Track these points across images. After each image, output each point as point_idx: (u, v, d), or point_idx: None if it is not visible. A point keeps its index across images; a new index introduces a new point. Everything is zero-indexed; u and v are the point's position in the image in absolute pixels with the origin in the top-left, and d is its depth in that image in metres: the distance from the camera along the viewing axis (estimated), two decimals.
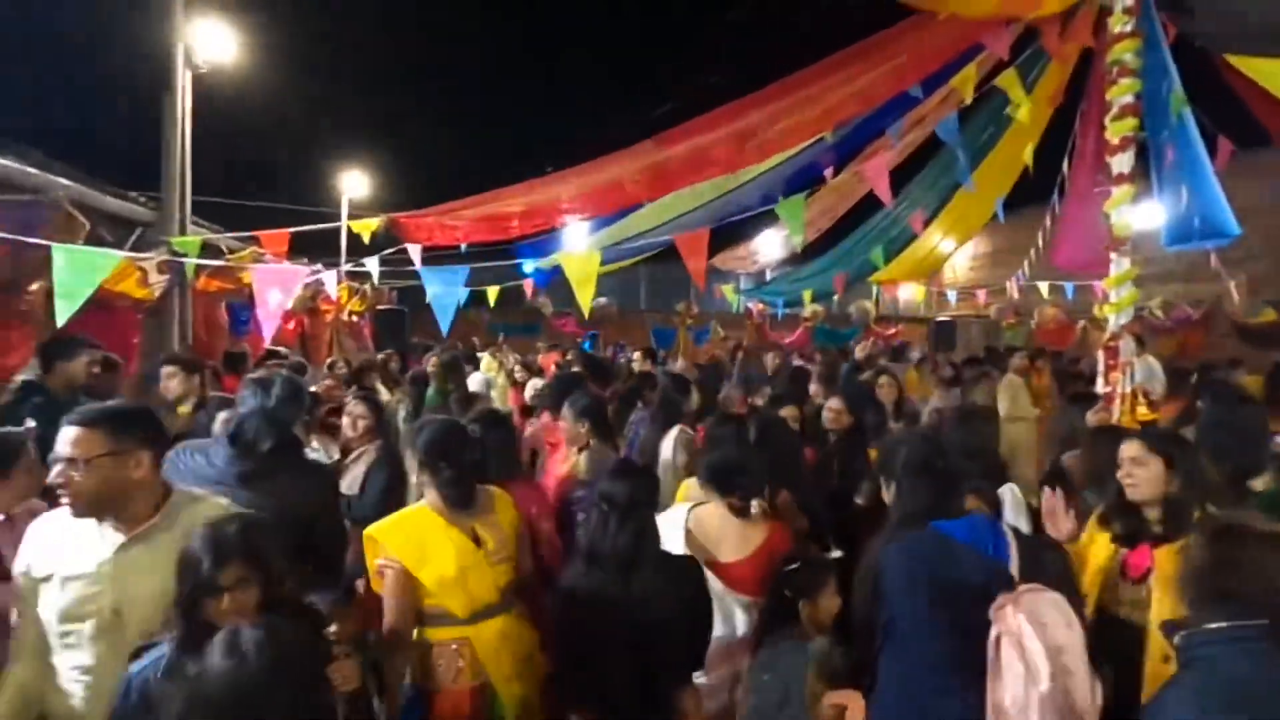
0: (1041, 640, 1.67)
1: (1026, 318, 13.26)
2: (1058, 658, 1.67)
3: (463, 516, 2.26)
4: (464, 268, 3.68)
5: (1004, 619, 1.75)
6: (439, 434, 2.33)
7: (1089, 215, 6.73)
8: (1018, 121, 5.83)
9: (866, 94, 4.74)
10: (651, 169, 4.63)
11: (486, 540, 2.26)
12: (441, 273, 3.75)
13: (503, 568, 2.30)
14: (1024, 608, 1.74)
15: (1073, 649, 1.68)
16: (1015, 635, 1.72)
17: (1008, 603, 1.76)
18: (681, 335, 14.66)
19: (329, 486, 2.84)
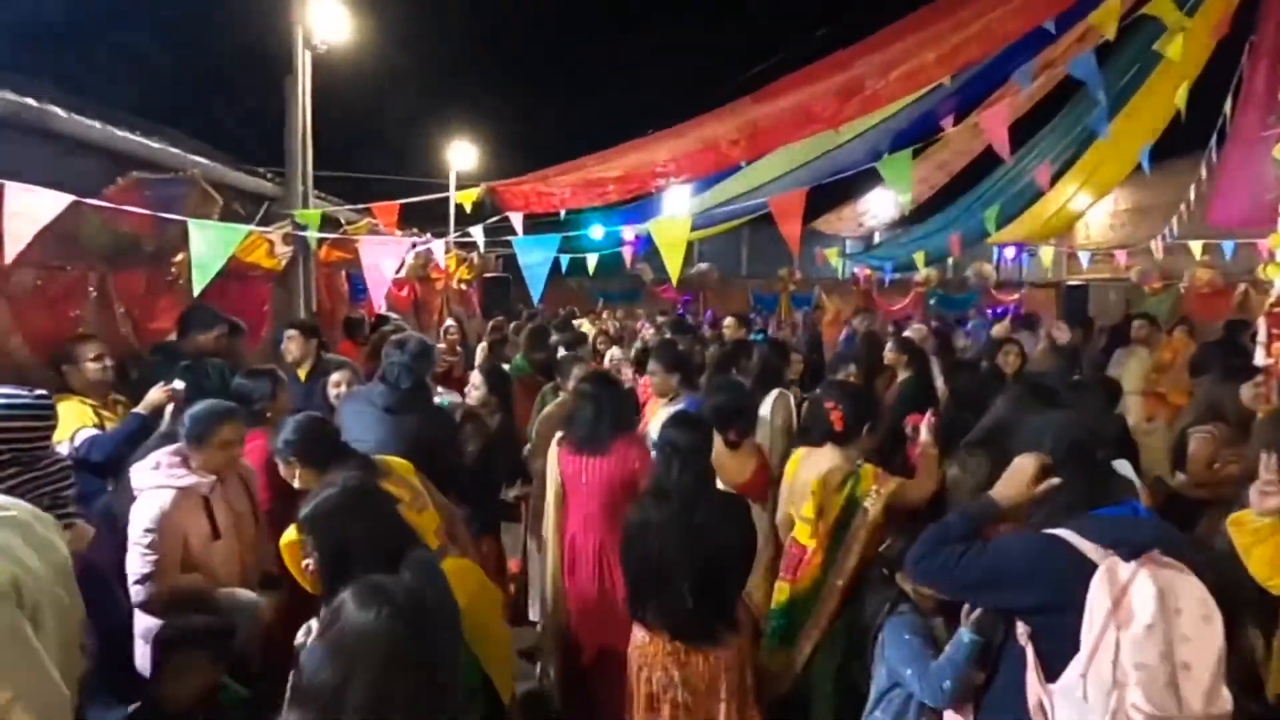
0: (1159, 605, 1.47)
1: (1175, 281, 11.91)
2: (1174, 638, 1.47)
3: None
4: (557, 235, 3.70)
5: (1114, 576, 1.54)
6: (307, 428, 2.48)
7: (1255, 163, 5.90)
8: (1168, 58, 5.14)
9: (991, 33, 4.30)
10: (749, 127, 4.46)
11: (400, 495, 2.35)
12: (534, 241, 3.80)
13: (427, 514, 2.47)
14: (1153, 574, 1.52)
15: (1203, 646, 1.46)
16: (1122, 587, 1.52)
17: (1137, 565, 1.53)
18: (784, 302, 14.30)
19: (451, 424, 3.52)
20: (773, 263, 15.28)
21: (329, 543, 1.83)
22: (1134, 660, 1.46)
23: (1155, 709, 1.43)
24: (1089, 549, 1.61)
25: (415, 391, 3.25)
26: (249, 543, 2.71)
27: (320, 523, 1.87)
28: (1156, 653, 1.45)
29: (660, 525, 2.38)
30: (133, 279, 3.82)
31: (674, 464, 2.45)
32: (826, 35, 5.02)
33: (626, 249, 8.30)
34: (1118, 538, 1.61)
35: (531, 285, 3.66)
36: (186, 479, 2.49)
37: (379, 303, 4.38)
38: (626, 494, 2.96)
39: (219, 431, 2.55)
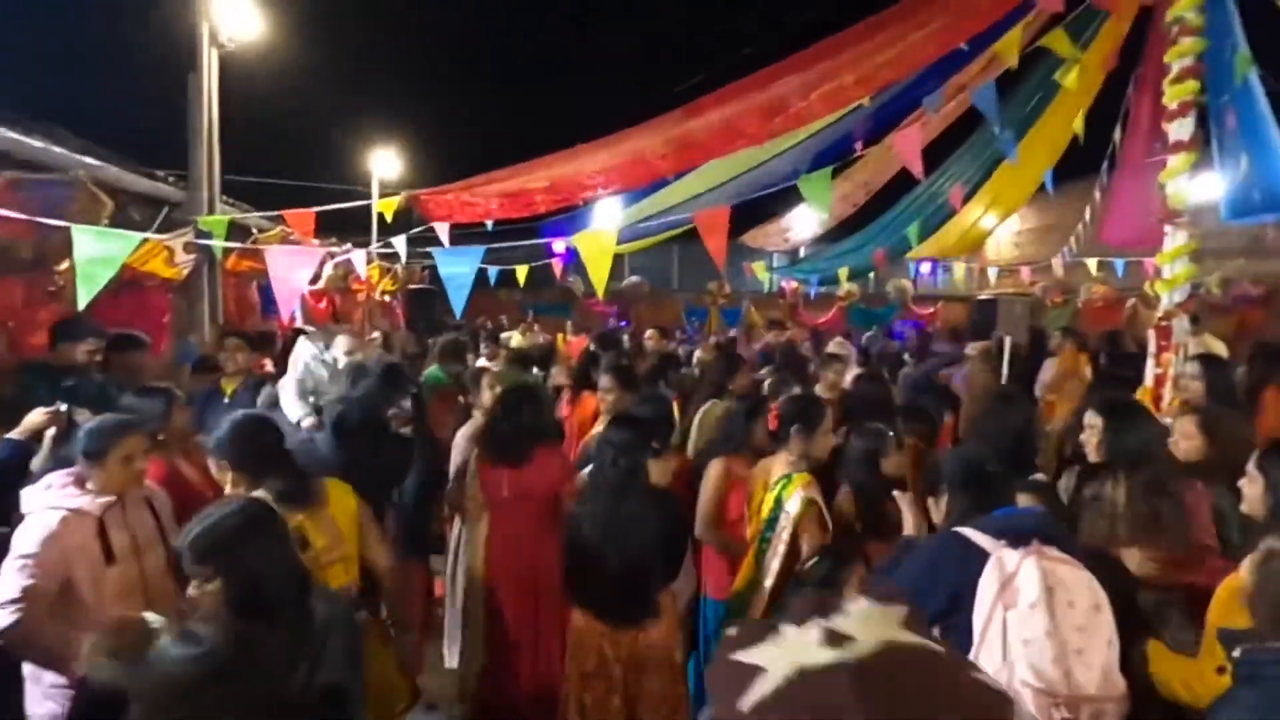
0: (1043, 587, 1.55)
1: (1072, 296, 12.75)
2: (1066, 626, 1.53)
3: (287, 514, 2.08)
4: (480, 248, 3.59)
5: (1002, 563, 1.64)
6: (250, 430, 2.25)
7: (1141, 188, 6.35)
8: (1065, 88, 5.50)
9: (906, 58, 4.49)
10: (677, 141, 4.48)
11: (315, 539, 2.14)
12: (456, 252, 3.68)
13: (337, 569, 2.20)
14: (1038, 562, 1.61)
15: (1095, 634, 1.53)
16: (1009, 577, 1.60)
17: (1023, 553, 1.63)
18: (713, 315, 14.48)
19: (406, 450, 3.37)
20: (703, 276, 15.49)
21: (239, 572, 1.68)
22: (1021, 636, 1.54)
23: (1042, 683, 1.49)
24: (982, 540, 1.75)
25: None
26: (155, 569, 2.45)
27: (225, 550, 1.71)
28: (1041, 629, 1.52)
29: (591, 515, 2.60)
30: (8, 288, 3.48)
31: (608, 460, 2.67)
32: (753, 54, 5.11)
33: (556, 261, 8.24)
34: (1004, 528, 1.76)
35: (454, 298, 3.53)
36: (78, 500, 2.24)
37: (287, 315, 4.13)
38: (550, 505, 3.06)
39: (119, 446, 2.29)
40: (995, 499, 1.93)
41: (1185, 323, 4.63)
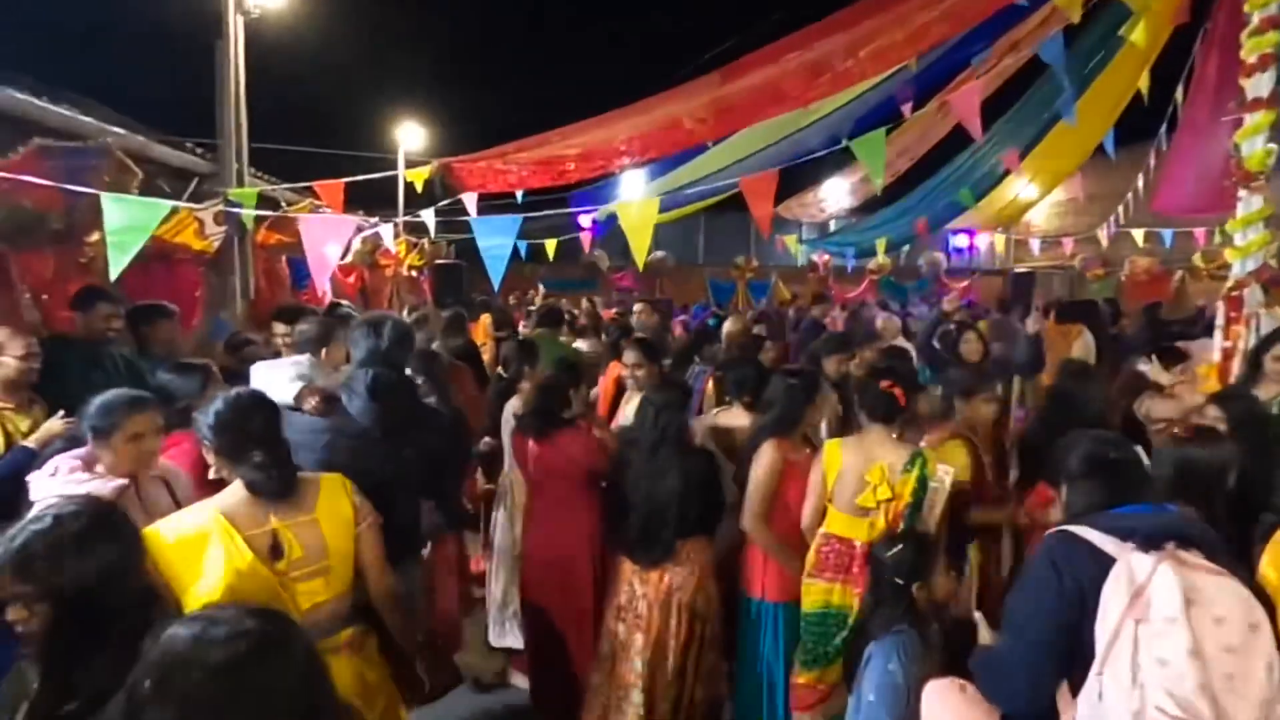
0: (1183, 601, 1.34)
1: (1116, 268, 12.30)
2: (1214, 647, 1.32)
3: (264, 516, 1.85)
4: (517, 218, 3.46)
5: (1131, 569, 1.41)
6: (240, 407, 1.92)
7: (1203, 151, 6.02)
8: (1130, 43, 5.17)
9: (959, 12, 4.22)
10: (715, 105, 4.28)
11: (292, 547, 1.85)
12: (494, 223, 3.55)
13: (314, 584, 1.88)
14: (1177, 569, 1.38)
15: (1250, 656, 1.32)
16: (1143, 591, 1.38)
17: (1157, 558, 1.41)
18: (741, 289, 14.25)
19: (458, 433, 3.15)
20: (730, 250, 15.21)
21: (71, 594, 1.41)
22: (1155, 655, 1.34)
23: (1183, 712, 1.30)
24: (1103, 541, 1.52)
25: (414, 405, 2.75)
26: None
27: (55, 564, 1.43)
28: (1183, 648, 1.32)
29: (626, 464, 2.89)
30: (39, 260, 3.42)
31: (649, 417, 2.88)
32: (786, 17, 4.86)
33: (585, 234, 8.09)
34: (1132, 528, 1.52)
35: (492, 270, 3.41)
36: (88, 484, 2.14)
37: (323, 288, 4.02)
38: (580, 481, 3.07)
39: (127, 423, 2.16)
40: (1126, 493, 1.66)
41: (1259, 293, 4.35)
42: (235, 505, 1.85)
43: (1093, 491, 1.70)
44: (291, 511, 1.90)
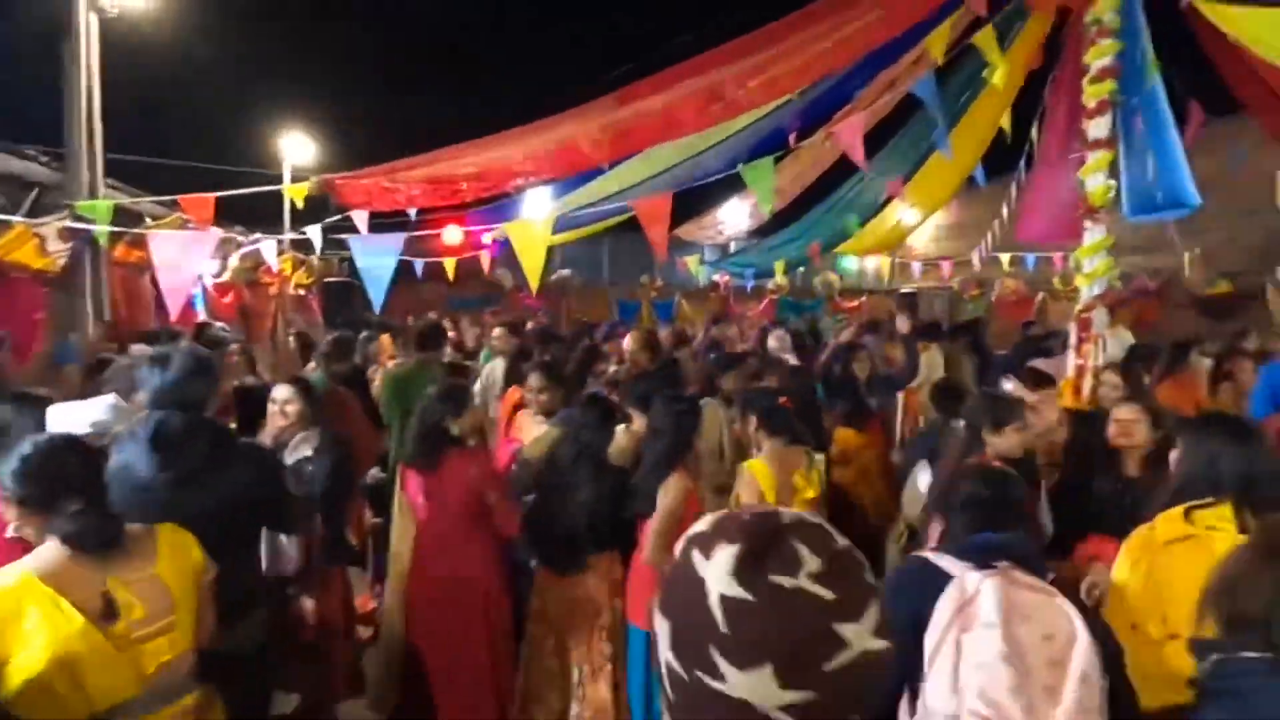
0: (1003, 610, 1.37)
1: (988, 289, 13.33)
2: (1035, 661, 1.33)
3: (93, 573, 1.63)
4: (400, 237, 3.32)
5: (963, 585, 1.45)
6: (51, 451, 1.68)
7: (1056, 185, 6.62)
8: (991, 85, 5.63)
9: (839, 50, 4.45)
10: (612, 128, 4.29)
11: (131, 606, 1.65)
12: (375, 242, 3.38)
13: (159, 643, 1.68)
14: (1003, 585, 1.42)
15: (1068, 670, 1.32)
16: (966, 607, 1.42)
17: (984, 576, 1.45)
18: (646, 308, 14.38)
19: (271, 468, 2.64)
20: (635, 269, 15.35)
21: None
22: (974, 660, 1.35)
23: (993, 712, 1.30)
24: (949, 564, 1.60)
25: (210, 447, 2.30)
26: None
27: None
28: (997, 652, 1.33)
29: (545, 477, 3.11)
30: None
31: (566, 437, 3.09)
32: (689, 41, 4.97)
33: (484, 254, 7.91)
34: (973, 550, 1.62)
35: (373, 291, 3.24)
36: None
37: (175, 310, 3.66)
38: (469, 511, 3.01)
39: None
40: (990, 523, 1.75)
41: (1104, 314, 4.80)
42: (53, 565, 1.62)
43: (967, 523, 1.80)
44: (127, 566, 1.69)
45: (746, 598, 0.64)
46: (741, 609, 0.64)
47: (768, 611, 0.63)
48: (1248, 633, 1.34)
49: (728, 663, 0.64)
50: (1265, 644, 1.30)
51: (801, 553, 0.66)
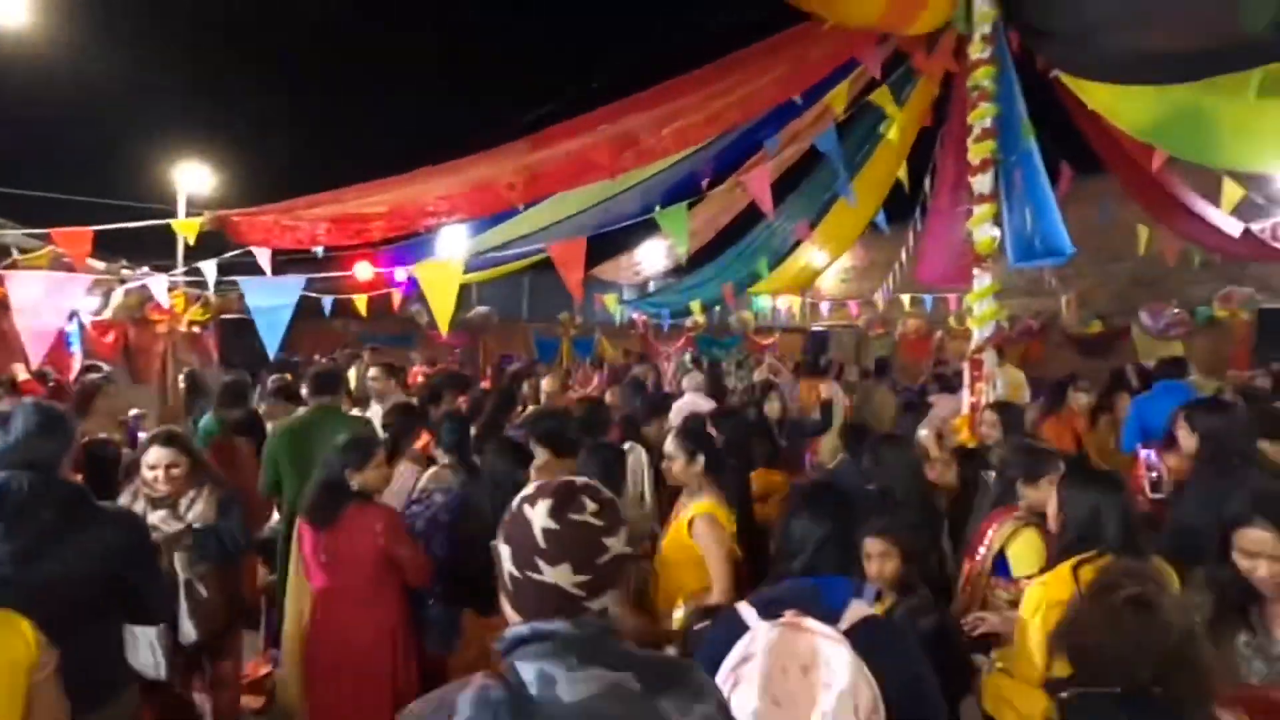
0: (766, 658, 1.36)
1: (891, 328, 14.04)
2: (777, 695, 1.33)
3: None
4: (300, 278, 3.16)
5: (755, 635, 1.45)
6: None
7: (948, 232, 7.10)
8: (887, 140, 6.01)
9: (747, 103, 4.65)
10: (526, 171, 4.29)
11: None
12: (270, 283, 3.20)
13: None
14: (779, 631, 1.42)
15: (800, 704, 1.32)
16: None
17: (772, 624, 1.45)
18: (565, 346, 14.31)
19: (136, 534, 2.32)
20: (554, 307, 15.29)
21: None
22: (739, 708, 1.35)
23: None
24: (747, 613, 1.57)
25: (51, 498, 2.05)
26: None
27: None
28: (753, 699, 1.35)
29: (457, 526, 3.10)
30: None
31: (479, 480, 3.15)
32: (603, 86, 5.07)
33: (397, 290, 7.68)
34: (775, 598, 1.59)
35: (266, 335, 3.04)
36: None
37: (36, 357, 3.32)
38: (372, 568, 2.84)
39: None
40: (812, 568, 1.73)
41: (994, 355, 5.13)
42: None
43: (791, 568, 1.80)
44: None
45: (555, 527, 1.15)
46: (552, 534, 1.14)
47: (567, 534, 1.15)
48: (1092, 670, 1.44)
49: (545, 563, 1.14)
50: (1108, 680, 1.40)
51: (586, 502, 1.18)
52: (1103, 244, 9.38)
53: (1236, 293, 9.09)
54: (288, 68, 16.47)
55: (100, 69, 11.72)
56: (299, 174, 6.73)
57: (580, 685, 1.04)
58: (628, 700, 1.05)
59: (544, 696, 1.04)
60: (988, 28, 4.87)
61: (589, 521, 1.15)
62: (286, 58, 16.32)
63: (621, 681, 1.06)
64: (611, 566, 1.16)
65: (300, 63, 16.72)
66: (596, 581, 1.13)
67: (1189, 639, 1.43)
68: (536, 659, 1.07)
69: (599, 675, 1.05)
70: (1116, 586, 1.50)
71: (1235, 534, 1.88)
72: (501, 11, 15.43)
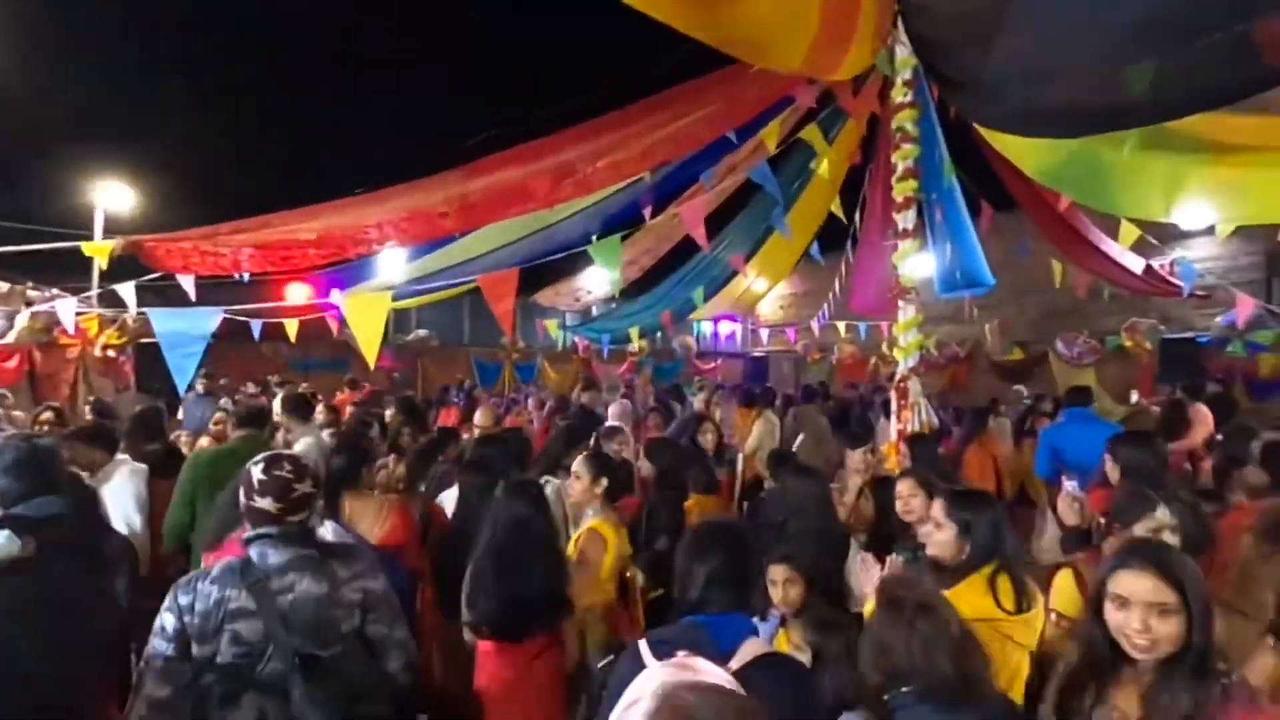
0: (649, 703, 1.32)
1: (829, 354, 14.45)
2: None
3: None
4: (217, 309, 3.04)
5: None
6: None
7: (878, 264, 7.39)
8: (818, 175, 6.23)
9: (684, 138, 4.76)
10: (460, 200, 4.27)
11: None
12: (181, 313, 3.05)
13: None
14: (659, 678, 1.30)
15: None
16: None
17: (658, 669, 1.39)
18: (508, 370, 14.16)
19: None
20: (496, 331, 15.12)
21: None
22: None
23: None
24: (647, 654, 1.54)
25: None
26: None
27: None
28: None
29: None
30: None
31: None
32: (542, 117, 5.10)
33: (330, 315, 7.48)
34: (672, 637, 1.56)
35: (175, 367, 2.90)
36: None
37: None
38: None
39: None
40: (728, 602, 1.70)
41: (918, 384, 5.32)
42: None
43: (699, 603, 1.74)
44: None
45: (264, 478, 1.94)
46: (262, 480, 1.94)
47: (270, 482, 1.94)
48: (900, 672, 1.59)
49: (259, 496, 1.91)
50: (913, 678, 1.56)
51: (285, 464, 1.97)
52: (1021, 276, 9.93)
53: (1140, 324, 9.73)
54: (219, 82, 15.92)
55: (11, 79, 11.09)
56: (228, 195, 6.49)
57: (281, 555, 1.86)
58: (310, 561, 1.88)
59: (260, 562, 1.86)
60: (909, 73, 5.12)
61: (284, 475, 1.90)
62: (218, 71, 15.78)
63: (307, 554, 1.89)
64: (300, 499, 1.92)
65: (233, 78, 16.21)
66: (289, 507, 1.90)
67: (966, 633, 1.65)
68: (258, 545, 1.88)
69: (293, 550, 1.88)
70: (902, 598, 1.66)
71: (1109, 580, 1.63)
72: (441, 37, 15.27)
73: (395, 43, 15.96)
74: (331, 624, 1.83)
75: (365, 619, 1.92)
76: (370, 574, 1.95)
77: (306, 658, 1.76)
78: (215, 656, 1.72)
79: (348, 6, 14.55)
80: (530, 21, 16.42)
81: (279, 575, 1.82)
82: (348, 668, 1.82)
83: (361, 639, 1.91)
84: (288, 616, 1.77)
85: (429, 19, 14.65)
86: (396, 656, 1.96)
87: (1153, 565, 1.58)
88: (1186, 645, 1.53)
